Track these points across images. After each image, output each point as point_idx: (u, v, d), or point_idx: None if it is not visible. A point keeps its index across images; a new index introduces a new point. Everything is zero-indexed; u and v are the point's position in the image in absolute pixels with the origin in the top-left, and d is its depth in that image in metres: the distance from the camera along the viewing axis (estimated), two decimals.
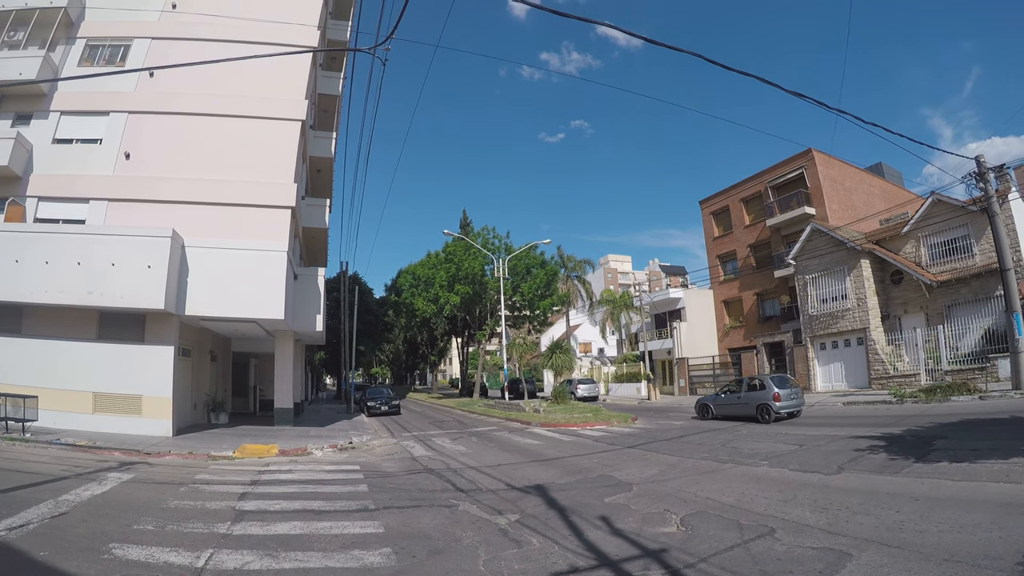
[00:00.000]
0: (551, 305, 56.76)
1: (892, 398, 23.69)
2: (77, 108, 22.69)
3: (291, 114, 24.31)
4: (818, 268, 33.34)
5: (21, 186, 21.36)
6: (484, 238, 53.38)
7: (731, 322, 45.12)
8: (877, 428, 16.33)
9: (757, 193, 43.18)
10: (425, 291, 53.42)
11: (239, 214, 22.34)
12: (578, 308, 69.51)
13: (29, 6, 23.15)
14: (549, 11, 9.58)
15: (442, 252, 54.32)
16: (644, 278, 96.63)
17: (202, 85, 22.92)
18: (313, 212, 30.51)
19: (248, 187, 22.70)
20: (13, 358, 18.66)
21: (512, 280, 50.90)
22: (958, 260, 28.35)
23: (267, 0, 25.07)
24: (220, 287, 20.82)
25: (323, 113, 33.89)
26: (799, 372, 33.93)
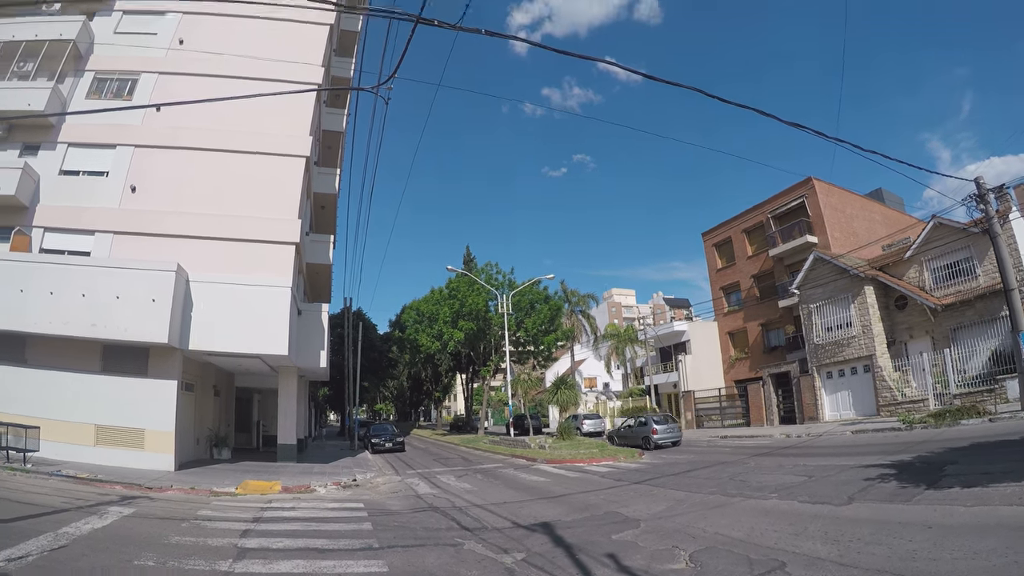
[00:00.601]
0: (555, 340, 56.61)
1: (901, 425, 23.46)
2: (84, 140, 23.01)
3: (296, 150, 24.64)
4: (822, 297, 33.26)
5: (28, 216, 21.55)
6: (488, 274, 53.48)
7: (736, 354, 44.92)
8: (887, 456, 16.11)
9: (759, 223, 43.31)
10: (429, 327, 53.32)
11: (243, 249, 22.48)
12: (583, 343, 69.10)
13: (39, 38, 23.62)
14: (550, 49, 9.69)
15: (446, 288, 54.39)
16: (648, 311, 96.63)
17: (208, 120, 23.25)
18: (317, 248, 30.63)
19: (253, 223, 22.88)
20: (16, 388, 18.60)
21: (516, 316, 50.80)
22: (962, 282, 28.28)
23: (272, 38, 25.47)
24: (224, 322, 20.81)
25: (327, 149, 34.21)
26: (806, 402, 33.63)
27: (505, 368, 45.89)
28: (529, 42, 9.74)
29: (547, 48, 9.67)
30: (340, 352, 47.30)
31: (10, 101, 22.19)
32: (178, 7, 25.36)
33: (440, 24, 8.73)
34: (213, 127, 23.50)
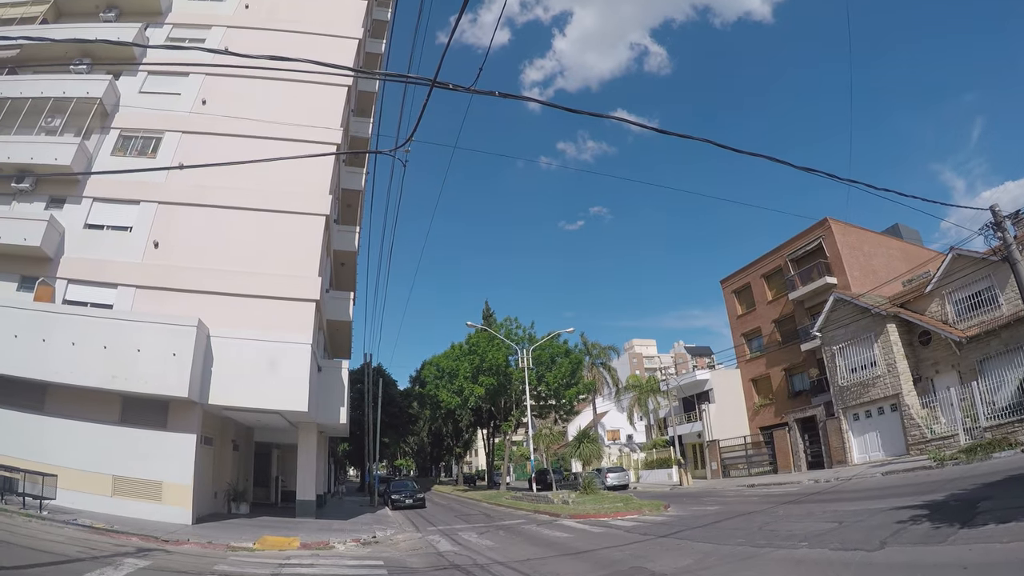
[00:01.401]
0: (577, 394, 56.32)
1: (932, 462, 22.87)
2: (109, 196, 23.56)
3: (316, 209, 25.10)
4: (844, 338, 32.81)
5: (52, 267, 21.92)
6: (507, 329, 53.57)
7: (760, 400, 44.21)
8: (918, 496, 15.64)
9: (777, 268, 43.14)
10: (449, 383, 53.25)
11: (264, 306, 22.70)
12: (604, 395, 68.65)
13: (67, 95, 24.37)
14: (563, 108, 9.98)
15: (465, 344, 54.44)
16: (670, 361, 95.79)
17: (230, 178, 23.75)
18: (337, 305, 30.77)
19: (273, 280, 23.15)
20: (35, 435, 18.62)
21: (537, 370, 50.61)
22: (985, 313, 27.77)
23: (292, 99, 26.24)
24: (244, 378, 20.95)
25: (347, 207, 34.67)
26: (833, 445, 32.85)
27: (526, 422, 45.56)
28: (541, 102, 9.96)
29: (559, 107, 9.79)
30: (360, 408, 47.14)
31: (38, 155, 22.90)
32: (201, 69, 26.11)
33: (455, 87, 8.81)
34: (235, 186, 24.03)
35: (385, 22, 37.70)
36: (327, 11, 30.46)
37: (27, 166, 22.83)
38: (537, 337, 51.77)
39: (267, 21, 29.22)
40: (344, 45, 29.51)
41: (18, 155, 22.83)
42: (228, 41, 27.63)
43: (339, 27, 29.94)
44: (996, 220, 16.60)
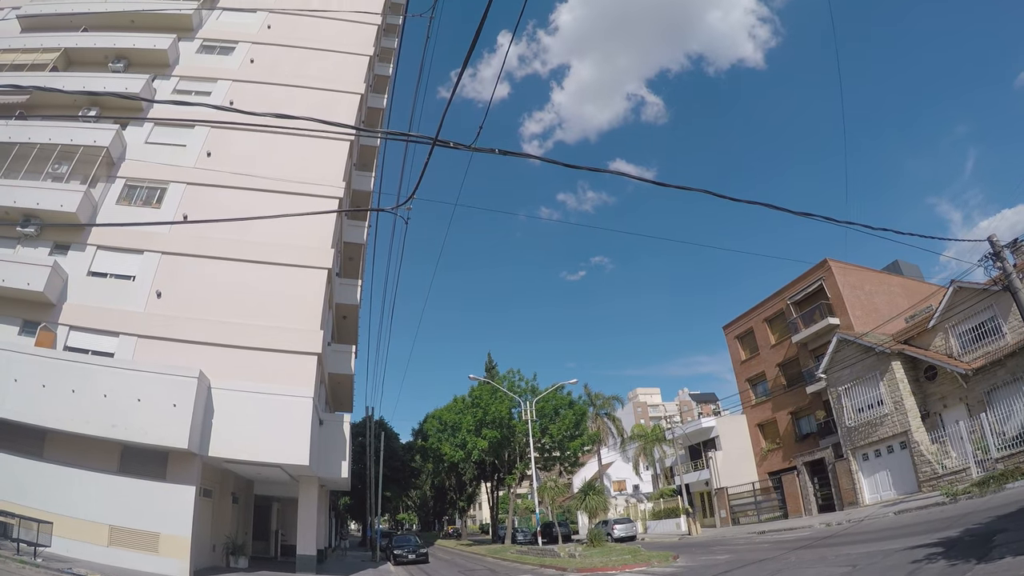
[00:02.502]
0: (581, 445, 55.95)
1: (945, 498, 22.52)
2: (113, 244, 23.75)
3: (318, 263, 25.28)
4: (850, 378, 32.54)
5: (54, 313, 21.95)
6: (510, 381, 53.49)
7: (768, 445, 43.65)
8: (933, 534, 15.35)
9: (779, 311, 43.08)
10: (452, 436, 52.99)
11: (266, 359, 22.68)
12: (609, 446, 67.92)
13: (74, 143, 24.79)
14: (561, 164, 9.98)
15: (468, 396, 54.42)
16: (675, 409, 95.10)
17: (233, 231, 23.99)
18: (339, 358, 30.70)
19: (275, 332, 23.16)
20: (32, 481, 18.30)
21: (540, 422, 50.45)
22: (990, 343, 27.59)
23: (296, 152, 26.74)
24: (245, 430, 20.80)
25: (348, 261, 34.91)
26: (844, 487, 32.27)
27: (531, 475, 45.07)
28: (540, 158, 10.12)
29: (557, 163, 9.95)
30: (362, 461, 46.66)
31: (44, 201, 23.14)
32: (207, 122, 26.58)
33: (456, 146, 9.04)
34: (238, 238, 24.27)
35: (387, 77, 38.63)
36: (330, 66, 31.32)
37: (33, 211, 23.10)
38: (540, 389, 51.67)
39: (272, 75, 30.02)
40: (347, 100, 30.32)
41: (24, 200, 23.06)
42: (234, 94, 28.42)
43: (342, 82, 30.75)
44: (995, 250, 16.70)
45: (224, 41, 31.73)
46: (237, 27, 32.59)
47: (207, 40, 31.64)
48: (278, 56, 31.30)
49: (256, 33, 32.36)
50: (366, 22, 34.51)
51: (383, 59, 39.12)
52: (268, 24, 32.81)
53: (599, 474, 63.76)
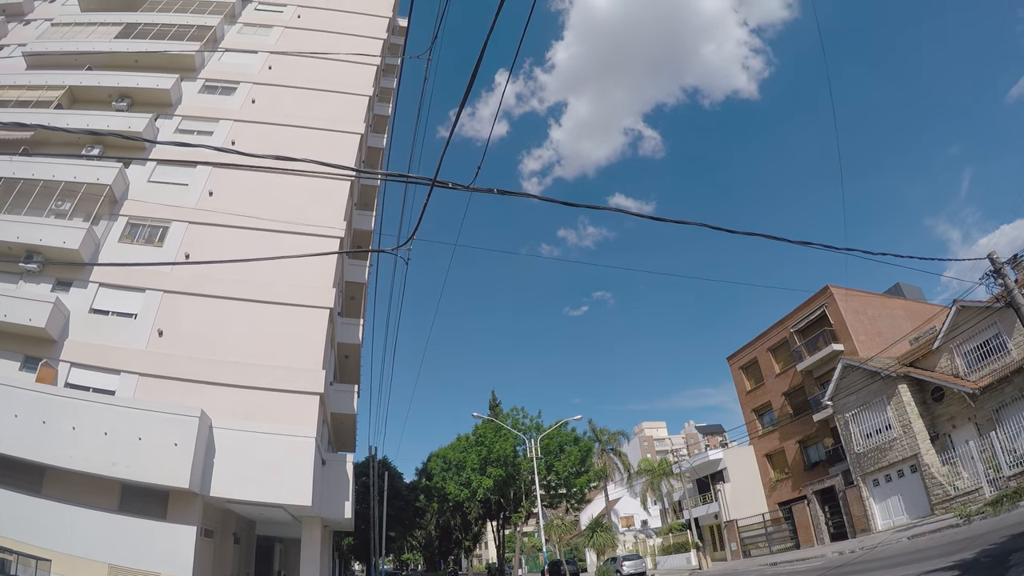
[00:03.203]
0: (588, 481, 55.67)
1: (958, 520, 22.11)
2: (115, 282, 23.78)
3: (320, 302, 25.32)
4: (856, 404, 32.26)
5: (55, 349, 21.86)
6: (514, 419, 53.49)
7: (777, 475, 43.11)
8: (948, 557, 15.05)
9: (783, 340, 42.88)
10: (457, 475, 52.77)
11: (268, 398, 22.57)
12: (616, 481, 67.26)
13: (78, 180, 25.05)
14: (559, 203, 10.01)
15: (472, 435, 54.43)
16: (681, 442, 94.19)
17: (235, 270, 23.98)
18: (341, 398, 30.54)
19: (277, 372, 23.09)
20: (30, 517, 18.02)
21: (545, 459, 50.24)
22: (995, 360, 27.34)
23: (298, 192, 26.87)
24: (247, 470, 20.58)
25: (350, 300, 34.94)
26: (855, 514, 31.73)
27: (537, 513, 44.63)
28: (538, 197, 10.17)
29: (556, 201, 9.95)
30: (365, 501, 46.15)
31: (47, 237, 23.26)
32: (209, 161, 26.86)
33: (454, 186, 9.07)
34: (240, 277, 24.27)
35: (386, 117, 39.18)
36: (330, 106, 31.82)
37: (36, 247, 23.23)
38: (545, 426, 51.68)
39: (273, 115, 30.47)
40: (347, 140, 30.75)
41: (27, 235, 23.21)
42: (236, 134, 28.82)
43: (342, 122, 31.22)
44: (995, 267, 16.75)
45: (226, 81, 32.28)
46: (239, 68, 33.19)
47: (209, 80, 32.19)
48: (279, 96, 31.80)
49: (257, 74, 32.92)
50: (365, 63, 35.03)
51: (382, 99, 39.69)
52: (269, 65, 33.40)
53: (606, 510, 63.02)
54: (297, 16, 38.05)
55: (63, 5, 37.73)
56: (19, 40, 34.01)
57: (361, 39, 36.72)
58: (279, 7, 38.70)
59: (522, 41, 7.90)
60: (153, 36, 32.90)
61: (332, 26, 37.23)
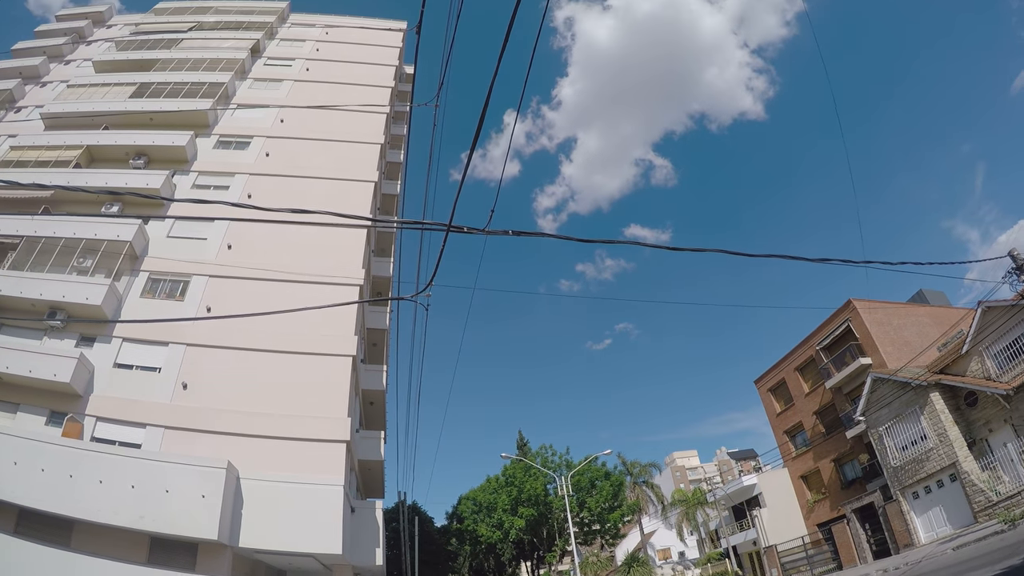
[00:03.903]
0: (621, 516, 54.98)
1: (1003, 525, 21.49)
2: (138, 336, 24.06)
3: (342, 350, 25.42)
4: (889, 417, 31.55)
5: (81, 404, 22.07)
6: (543, 457, 53.18)
7: (814, 496, 42.13)
8: (995, 565, 14.65)
9: (809, 358, 42.27)
10: (488, 516, 52.33)
11: (294, 447, 22.58)
12: (650, 514, 66.10)
13: (98, 237, 25.63)
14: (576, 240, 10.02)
15: (502, 476, 54.15)
16: (714, 469, 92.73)
17: (256, 321, 24.06)
18: (368, 444, 30.42)
19: (303, 421, 23.12)
20: (59, 571, 17.90)
21: (577, 496, 49.80)
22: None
23: (316, 242, 27.23)
24: (275, 520, 20.51)
25: (372, 347, 34.96)
26: (897, 529, 30.75)
27: (572, 551, 43.94)
28: (554, 236, 10.12)
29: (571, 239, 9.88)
30: (396, 547, 45.67)
31: (70, 294, 23.72)
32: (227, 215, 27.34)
33: (470, 231, 9.08)
34: (262, 328, 24.26)
35: (399, 164, 39.69)
36: (343, 156, 32.44)
37: (59, 304, 23.67)
38: (574, 462, 51.35)
39: (287, 167, 31.09)
40: (361, 188, 31.27)
41: (50, 292, 23.67)
42: (251, 187, 29.42)
43: (355, 171, 31.75)
44: (1017, 264, 16.57)
45: (240, 136, 33.02)
46: (251, 122, 33.98)
47: (223, 136, 32.94)
48: (292, 148, 32.45)
49: (270, 127, 33.65)
50: (375, 111, 35.70)
51: (394, 146, 40.31)
52: (281, 118, 34.14)
53: (642, 544, 61.79)
54: (306, 69, 39.00)
55: (78, 67, 39.16)
56: (36, 102, 35.23)
57: (369, 88, 37.56)
58: (288, 61, 39.73)
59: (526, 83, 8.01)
60: (167, 94, 33.86)
61: (340, 77, 38.14)
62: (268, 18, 43.62)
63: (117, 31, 44.10)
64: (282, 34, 43.70)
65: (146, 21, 44.44)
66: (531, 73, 7.70)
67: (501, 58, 6.74)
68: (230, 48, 38.74)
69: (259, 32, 41.46)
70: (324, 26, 44.71)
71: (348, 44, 42.45)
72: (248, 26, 42.20)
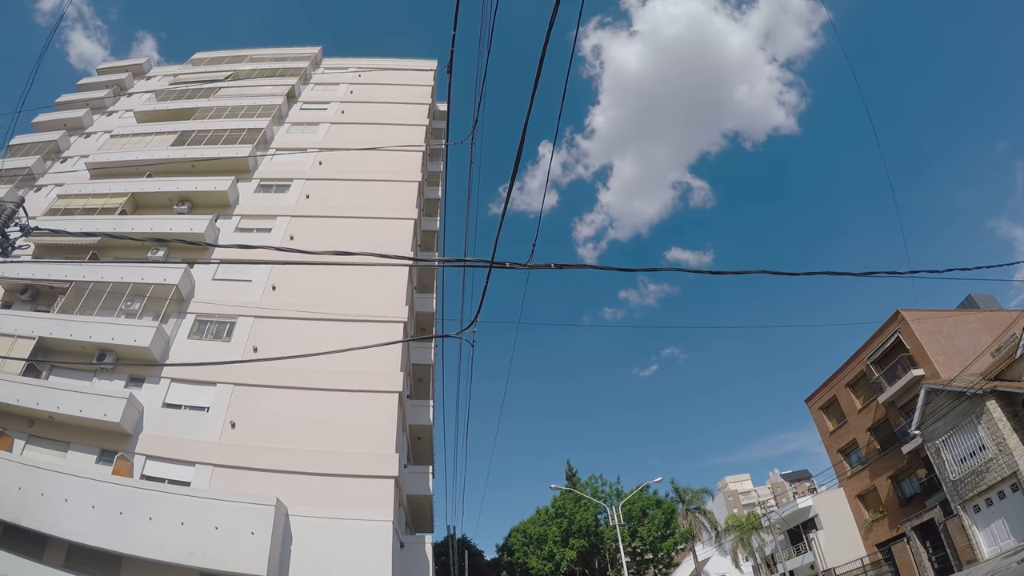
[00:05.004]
0: (674, 544, 54.09)
1: None
2: (186, 377, 24.63)
3: (388, 387, 25.69)
4: (945, 428, 30.52)
5: (131, 443, 22.63)
6: (593, 487, 52.83)
7: (871, 515, 40.76)
8: None
9: (860, 373, 41.23)
10: (538, 549, 51.86)
11: (343, 484, 22.73)
12: (704, 541, 64.69)
13: (145, 281, 26.52)
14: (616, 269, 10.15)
15: (552, 507, 53.83)
16: (767, 493, 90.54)
17: (304, 360, 24.56)
18: (416, 479, 30.42)
19: (350, 458, 23.33)
20: None
21: (629, 525, 49.26)
22: None
23: (359, 280, 27.63)
24: (324, 556, 20.66)
25: (418, 382, 35.16)
26: (959, 545, 29.50)
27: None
28: (595, 267, 10.13)
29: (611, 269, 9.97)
30: None
31: (119, 336, 24.51)
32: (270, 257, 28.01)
33: (512, 266, 9.17)
34: (308, 367, 24.39)
35: (437, 200, 40.35)
36: (382, 194, 33.14)
37: (108, 346, 24.47)
38: (625, 491, 50.90)
39: (327, 208, 31.86)
40: (401, 226, 31.83)
41: (99, 335, 24.47)
42: (293, 228, 30.18)
43: (395, 209, 32.40)
44: None
45: (280, 180, 33.95)
46: (291, 165, 34.98)
47: (264, 179, 33.95)
48: (332, 189, 33.28)
49: (309, 169, 34.54)
50: (411, 150, 36.37)
51: (431, 183, 40.96)
52: (319, 161, 34.99)
53: (696, 572, 60.34)
54: (341, 112, 39.98)
55: (120, 118, 40.80)
56: (81, 152, 36.80)
57: (404, 127, 38.41)
58: (323, 105, 40.79)
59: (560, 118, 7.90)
60: (207, 141, 35.04)
61: (375, 118, 39.03)
62: (302, 63, 44.98)
63: (156, 82, 45.95)
64: (316, 78, 44.97)
65: (184, 71, 46.24)
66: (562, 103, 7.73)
67: (533, 99, 6.76)
68: (266, 94, 40.01)
69: (294, 77, 42.78)
70: (356, 69, 45.88)
71: (381, 85, 43.52)
72: (283, 72, 43.58)
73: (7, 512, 18.85)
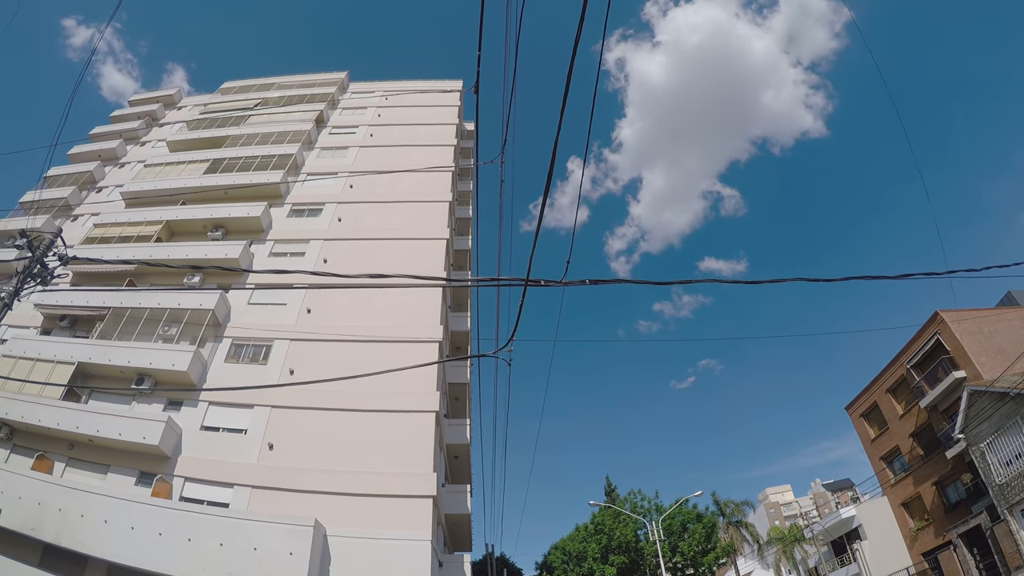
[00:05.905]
0: (716, 558, 53.02)
1: None
2: (224, 400, 25.07)
3: (425, 407, 25.82)
4: (990, 431, 29.74)
5: (170, 465, 23.07)
6: (632, 502, 52.33)
7: (916, 523, 39.75)
8: None
9: (900, 378, 40.38)
10: (578, 566, 51.41)
11: (381, 504, 22.82)
12: (746, 554, 63.58)
13: (181, 307, 27.08)
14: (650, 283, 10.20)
15: (591, 523, 53.32)
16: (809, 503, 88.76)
17: (340, 382, 24.84)
18: (454, 498, 30.39)
19: (388, 478, 23.43)
20: None
21: (669, 541, 48.63)
22: None
23: (392, 301, 27.98)
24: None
25: (455, 401, 35.08)
26: (1007, 551, 28.58)
27: None
28: (628, 281, 10.19)
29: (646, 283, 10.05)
30: None
31: (156, 361, 25.09)
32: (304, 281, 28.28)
33: (547, 283, 9.24)
34: (345, 388, 24.40)
35: (468, 219, 40.56)
36: (413, 215, 33.51)
37: (146, 371, 25.06)
38: (664, 506, 50.25)
39: (359, 231, 32.34)
40: (433, 246, 32.07)
41: (137, 360, 25.10)
42: (326, 252, 30.65)
43: (427, 230, 32.70)
44: None
45: (311, 204, 34.50)
46: (322, 189, 35.54)
47: (296, 204, 34.53)
48: (363, 212, 33.73)
49: (340, 193, 35.06)
50: (440, 170, 36.77)
51: (461, 202, 41.19)
52: (350, 184, 35.52)
53: None
54: (370, 135, 40.54)
55: (153, 147, 41.92)
56: (116, 182, 37.89)
57: (433, 148, 38.84)
58: (352, 129, 41.42)
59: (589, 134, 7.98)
60: (239, 168, 35.83)
61: (404, 139, 39.55)
62: (329, 89, 45.81)
63: (187, 112, 47.16)
64: (344, 103, 45.76)
65: (214, 101, 47.33)
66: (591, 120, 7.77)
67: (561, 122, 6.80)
68: (296, 120, 40.79)
69: (322, 103, 43.58)
70: (383, 92, 46.54)
71: (408, 107, 44.12)
72: (311, 98, 44.42)
73: (48, 533, 19.31)
